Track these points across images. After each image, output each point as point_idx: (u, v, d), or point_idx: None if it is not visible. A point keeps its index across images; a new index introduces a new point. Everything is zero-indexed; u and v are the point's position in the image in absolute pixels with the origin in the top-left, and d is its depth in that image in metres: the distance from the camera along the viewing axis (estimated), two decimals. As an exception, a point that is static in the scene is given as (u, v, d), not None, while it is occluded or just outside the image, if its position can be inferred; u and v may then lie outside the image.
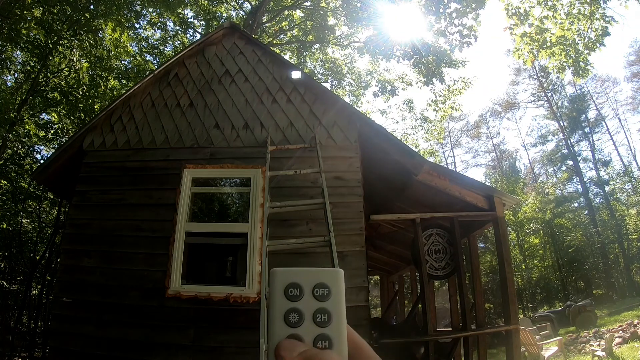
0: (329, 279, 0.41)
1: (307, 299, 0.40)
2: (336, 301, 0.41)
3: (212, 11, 16.42)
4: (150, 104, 5.30)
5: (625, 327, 11.59)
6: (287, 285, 0.40)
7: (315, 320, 0.40)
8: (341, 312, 0.40)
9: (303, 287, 0.40)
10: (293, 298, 0.40)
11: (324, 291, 0.40)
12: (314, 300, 0.40)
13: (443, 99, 16.40)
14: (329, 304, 0.40)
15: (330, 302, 0.40)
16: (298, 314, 0.40)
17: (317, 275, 0.41)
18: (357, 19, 15.22)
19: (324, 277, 0.41)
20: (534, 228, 26.30)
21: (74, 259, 4.58)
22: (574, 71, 8.76)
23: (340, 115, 5.07)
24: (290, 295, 0.40)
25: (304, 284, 0.41)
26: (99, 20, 11.94)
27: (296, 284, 0.40)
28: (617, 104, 32.37)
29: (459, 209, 5.29)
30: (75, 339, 4.21)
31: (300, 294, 0.40)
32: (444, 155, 39.12)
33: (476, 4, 11.74)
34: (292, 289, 0.40)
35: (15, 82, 14.43)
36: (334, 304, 0.40)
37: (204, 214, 7.06)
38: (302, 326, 0.39)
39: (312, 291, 0.40)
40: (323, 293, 0.40)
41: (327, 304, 0.40)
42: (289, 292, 0.40)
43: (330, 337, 0.39)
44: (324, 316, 0.40)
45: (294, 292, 0.40)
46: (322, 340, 0.39)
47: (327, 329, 0.39)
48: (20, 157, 12.87)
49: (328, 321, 0.40)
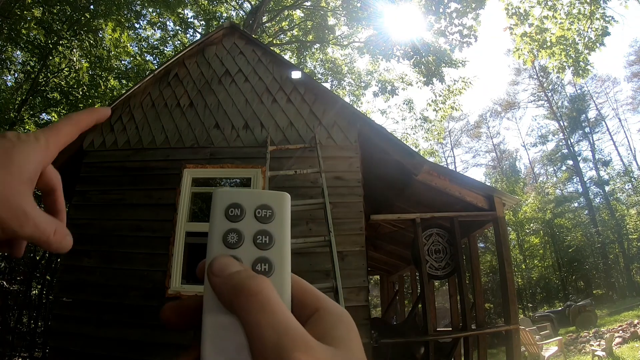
0: (274, 201, 0.39)
1: (248, 219, 0.38)
2: (279, 224, 0.38)
3: (212, 11, 16.43)
4: (150, 104, 5.30)
5: (625, 327, 11.59)
6: (228, 205, 0.38)
7: (256, 241, 0.37)
8: (284, 236, 0.38)
9: (244, 208, 0.38)
10: (233, 218, 0.37)
11: (266, 212, 0.38)
12: (255, 222, 0.38)
13: (443, 99, 16.40)
14: (271, 227, 0.38)
15: (272, 224, 0.38)
16: (237, 235, 0.37)
17: (261, 196, 0.39)
18: (357, 19, 15.23)
19: (268, 199, 0.39)
20: (534, 228, 26.32)
21: (74, 259, 4.58)
22: (574, 71, 8.76)
23: (340, 115, 5.07)
24: (231, 216, 0.37)
25: (246, 205, 0.38)
26: (99, 20, 11.94)
27: (237, 204, 0.38)
28: (617, 103, 32.46)
29: (459, 209, 5.29)
30: (75, 339, 4.21)
31: (241, 214, 0.38)
32: (444, 155, 39.19)
33: (476, 3, 11.74)
34: (232, 209, 0.38)
35: (15, 82, 14.44)
36: (277, 227, 0.38)
37: (204, 214, 7.06)
38: (241, 247, 0.37)
39: (254, 212, 0.38)
40: (265, 214, 0.38)
41: (269, 226, 0.38)
42: (229, 212, 0.38)
43: (270, 260, 0.37)
44: (265, 238, 0.37)
45: (234, 212, 0.38)
46: (262, 263, 0.37)
47: (267, 252, 0.37)
48: (20, 157, 12.84)
49: (269, 243, 0.37)
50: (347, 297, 3.88)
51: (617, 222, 26.25)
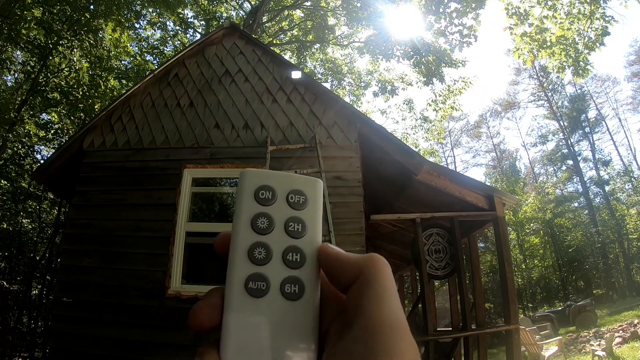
0: (307, 187, 0.36)
1: (279, 204, 0.35)
2: (313, 212, 0.35)
3: (212, 11, 16.43)
4: (151, 104, 5.30)
5: (625, 327, 11.59)
6: (258, 187, 0.35)
7: (287, 229, 0.34)
8: (317, 226, 0.35)
9: (276, 191, 0.35)
10: (264, 201, 0.35)
11: (299, 198, 0.35)
12: (287, 207, 0.35)
13: (443, 98, 16.39)
14: (304, 214, 0.35)
15: (305, 211, 0.35)
16: (268, 220, 0.34)
17: (294, 180, 0.36)
18: (357, 19, 15.22)
19: (301, 184, 0.36)
20: (534, 228, 26.32)
21: (74, 259, 4.58)
22: (574, 71, 8.75)
23: (340, 115, 5.07)
24: (261, 198, 0.35)
25: (278, 188, 0.35)
26: (99, 20, 11.93)
27: (269, 186, 0.35)
28: (617, 103, 32.46)
29: (459, 208, 5.29)
30: (75, 339, 4.21)
31: (273, 198, 0.35)
32: (444, 155, 39.18)
33: (476, 3, 11.74)
34: (263, 191, 0.35)
35: (15, 82, 14.42)
36: (310, 215, 0.35)
37: (204, 214, 7.06)
38: (271, 234, 0.34)
39: (287, 197, 0.35)
40: (299, 200, 0.35)
41: (302, 213, 0.35)
42: (259, 194, 0.35)
43: (302, 250, 0.34)
44: (297, 225, 0.35)
45: (265, 195, 0.35)
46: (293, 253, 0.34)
47: (299, 241, 0.34)
48: (20, 157, 12.87)
49: (302, 232, 0.34)
50: (347, 297, 3.88)
51: (617, 222, 26.24)
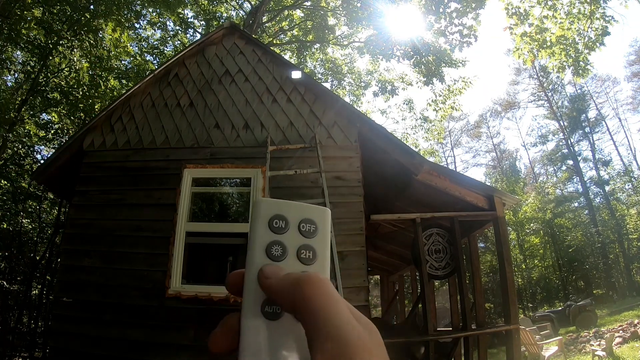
0: (317, 216, 0.39)
1: (292, 233, 0.37)
2: (322, 239, 0.38)
3: (212, 11, 16.42)
4: (151, 104, 5.30)
5: (625, 327, 11.58)
6: (272, 217, 0.37)
7: (300, 256, 0.37)
8: (326, 252, 0.38)
9: (289, 220, 0.38)
10: (278, 230, 0.37)
11: (310, 227, 0.38)
12: (299, 236, 0.38)
13: (443, 98, 16.39)
14: (314, 241, 0.38)
15: (316, 239, 0.38)
16: (282, 248, 0.37)
17: (305, 210, 0.39)
18: (357, 18, 15.21)
19: (312, 213, 0.39)
20: (534, 228, 26.31)
21: (74, 259, 4.58)
22: (574, 71, 8.75)
23: (340, 115, 5.07)
24: (275, 227, 0.37)
25: (290, 218, 0.38)
26: (99, 20, 11.92)
27: (282, 216, 0.38)
28: (617, 103, 32.45)
29: (459, 208, 5.28)
30: (75, 339, 4.21)
31: (286, 227, 0.37)
32: (444, 155, 39.18)
33: (476, 3, 11.73)
34: (277, 220, 0.37)
35: (15, 82, 14.42)
36: (320, 242, 0.38)
37: (204, 213, 7.06)
38: (285, 260, 0.37)
39: (299, 226, 0.38)
40: (310, 229, 0.38)
41: (313, 241, 0.38)
42: (273, 223, 0.37)
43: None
44: (308, 253, 0.37)
45: (279, 224, 0.37)
46: None
47: (310, 267, 0.37)
48: (20, 157, 12.88)
49: (313, 259, 0.37)
50: (347, 297, 3.88)
51: (617, 222, 26.24)
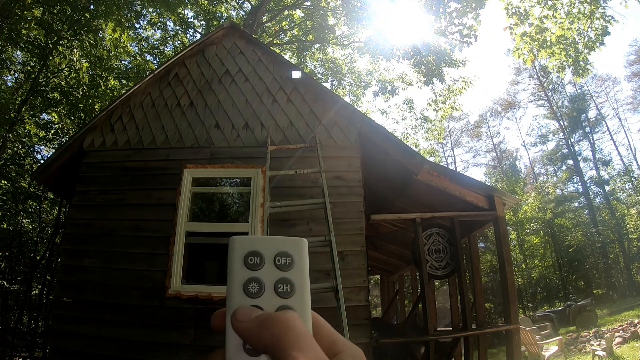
0: (292, 248, 0.39)
1: (268, 268, 0.38)
2: (299, 271, 0.38)
3: (212, 11, 16.41)
4: (151, 104, 5.30)
5: (625, 327, 11.58)
6: (247, 254, 0.38)
7: (277, 290, 0.37)
8: (304, 283, 0.38)
9: (264, 256, 0.38)
10: (253, 267, 0.37)
11: (286, 260, 0.38)
12: (275, 270, 0.38)
13: (443, 98, 16.38)
14: (291, 274, 0.38)
15: (292, 271, 0.38)
16: (258, 284, 0.37)
17: (279, 243, 0.39)
18: (357, 18, 15.21)
19: (287, 246, 0.39)
20: (534, 228, 26.30)
21: (75, 259, 4.58)
22: (574, 70, 8.74)
23: (340, 115, 5.07)
24: (250, 264, 0.37)
25: (265, 253, 0.38)
26: (99, 20, 11.92)
27: (257, 252, 0.38)
28: (617, 103, 32.41)
29: (459, 208, 5.28)
30: (75, 339, 4.21)
31: (261, 262, 0.38)
32: (444, 155, 39.16)
33: (476, 3, 11.73)
34: (252, 257, 0.38)
35: (15, 82, 14.43)
36: (297, 274, 0.38)
37: (204, 213, 7.05)
38: (262, 297, 0.37)
39: (274, 260, 0.38)
40: (285, 262, 0.38)
41: (289, 273, 0.38)
42: (248, 260, 0.38)
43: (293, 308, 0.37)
44: (286, 286, 0.37)
45: (254, 261, 0.38)
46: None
47: (289, 300, 0.37)
48: (20, 157, 12.88)
49: (290, 292, 0.37)
50: (347, 297, 3.88)
51: (618, 222, 26.23)
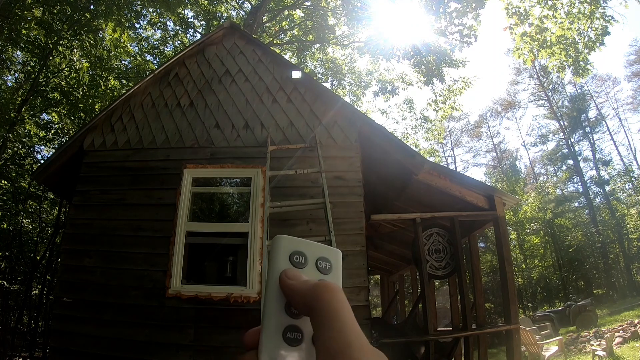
0: (332, 255, 0.42)
1: (310, 268, 0.41)
2: (336, 277, 0.42)
3: (212, 11, 16.41)
4: (151, 104, 5.30)
5: (625, 327, 11.58)
6: (293, 252, 0.41)
7: None
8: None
9: (307, 257, 0.41)
10: (298, 264, 0.40)
11: (326, 264, 0.42)
12: (317, 272, 0.41)
13: (443, 98, 16.38)
14: (330, 278, 0.41)
15: (331, 276, 0.41)
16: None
17: (321, 249, 0.42)
18: (357, 18, 15.22)
19: (327, 252, 0.42)
20: (535, 228, 26.29)
21: (75, 259, 4.58)
22: (574, 70, 8.74)
23: (340, 114, 5.07)
24: (296, 262, 0.40)
25: (309, 254, 0.41)
26: (99, 20, 11.92)
27: (301, 252, 0.41)
28: (617, 103, 32.44)
29: (460, 208, 5.28)
30: (75, 339, 4.21)
31: (305, 262, 0.41)
32: (444, 155, 39.15)
33: (476, 3, 11.73)
34: (297, 255, 0.41)
35: (15, 82, 14.44)
36: (335, 279, 0.41)
37: (204, 213, 7.05)
38: None
39: (316, 262, 0.41)
40: (325, 266, 0.41)
41: (328, 277, 0.41)
42: (294, 258, 0.41)
43: None
44: None
45: (299, 259, 0.41)
46: None
47: None
48: (20, 157, 12.88)
49: None
50: (348, 296, 3.84)
51: (618, 222, 26.23)
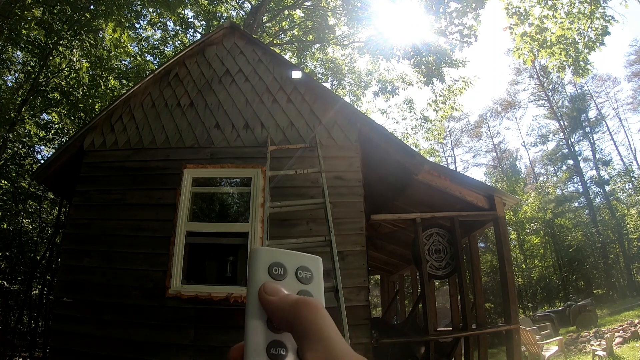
0: (311, 264, 0.42)
1: (290, 279, 0.40)
2: (317, 286, 0.41)
3: (212, 11, 16.42)
4: (151, 104, 5.30)
5: (625, 327, 11.58)
6: (271, 264, 0.40)
7: None
8: (322, 296, 0.41)
9: (287, 268, 0.40)
10: (277, 277, 0.39)
11: (307, 274, 0.41)
12: (297, 282, 0.40)
13: (443, 98, 16.38)
14: (311, 287, 0.40)
15: (312, 285, 0.41)
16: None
17: (300, 258, 0.41)
18: (357, 18, 15.22)
19: (307, 261, 0.42)
20: (535, 228, 26.29)
21: (75, 259, 4.58)
22: (574, 70, 8.74)
23: (340, 114, 5.07)
24: (275, 274, 0.39)
25: (288, 265, 0.40)
26: (99, 21, 11.91)
27: (280, 263, 0.40)
28: (617, 103, 32.42)
29: (460, 208, 5.28)
30: (75, 339, 4.21)
31: (284, 273, 0.40)
32: (444, 155, 39.14)
33: (476, 3, 11.74)
34: (276, 267, 0.40)
35: (15, 82, 14.44)
36: (316, 288, 0.41)
37: (204, 213, 7.05)
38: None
39: (296, 273, 0.40)
40: (306, 276, 0.40)
41: (309, 287, 0.40)
42: (273, 270, 0.40)
43: None
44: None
45: (278, 271, 0.40)
46: None
47: None
48: (20, 157, 12.89)
49: None
50: (348, 297, 3.88)
51: (618, 222, 26.22)
